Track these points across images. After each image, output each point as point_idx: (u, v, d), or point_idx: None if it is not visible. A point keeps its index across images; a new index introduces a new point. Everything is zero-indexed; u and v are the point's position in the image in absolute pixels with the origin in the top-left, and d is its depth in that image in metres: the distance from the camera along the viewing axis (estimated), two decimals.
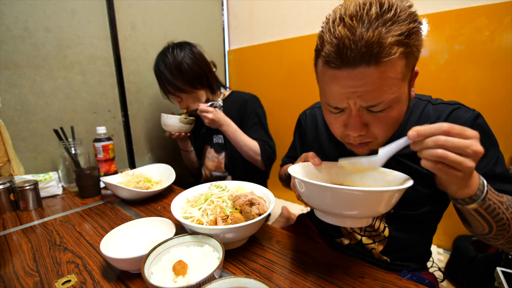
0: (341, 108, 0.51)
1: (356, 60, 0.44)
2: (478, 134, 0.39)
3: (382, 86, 0.46)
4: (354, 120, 0.51)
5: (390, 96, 0.47)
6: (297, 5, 1.45)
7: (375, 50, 0.42)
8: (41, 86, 1.06)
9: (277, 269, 0.54)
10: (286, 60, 1.55)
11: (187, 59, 1.09)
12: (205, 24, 1.68)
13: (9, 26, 0.96)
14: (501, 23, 0.94)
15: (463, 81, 1.05)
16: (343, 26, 0.44)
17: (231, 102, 1.23)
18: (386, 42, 0.42)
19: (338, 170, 0.62)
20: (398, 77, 0.46)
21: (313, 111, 0.82)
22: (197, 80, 1.12)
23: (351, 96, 0.48)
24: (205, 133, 1.29)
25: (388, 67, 0.44)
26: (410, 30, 0.43)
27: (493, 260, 0.97)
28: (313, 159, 0.60)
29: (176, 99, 1.17)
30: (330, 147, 0.74)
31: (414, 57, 0.48)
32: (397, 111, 0.51)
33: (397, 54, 0.43)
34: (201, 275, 0.44)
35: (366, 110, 0.50)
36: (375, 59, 0.43)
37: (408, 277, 0.63)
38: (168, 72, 1.08)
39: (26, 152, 1.05)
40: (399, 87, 0.48)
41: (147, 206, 0.87)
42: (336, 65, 0.46)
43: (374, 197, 0.42)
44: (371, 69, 0.44)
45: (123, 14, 1.27)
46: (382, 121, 0.51)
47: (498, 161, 0.56)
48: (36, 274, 0.54)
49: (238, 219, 0.57)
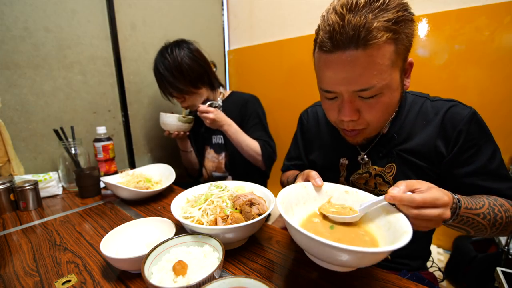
0: (333, 91, 0.54)
1: (345, 43, 0.47)
2: (448, 201, 0.45)
3: (371, 70, 0.48)
4: (346, 106, 0.54)
5: (380, 82, 0.49)
6: (297, 5, 1.45)
7: (362, 33, 0.45)
8: (41, 86, 1.06)
9: (277, 269, 0.54)
10: (286, 60, 1.55)
11: (186, 59, 1.08)
12: (205, 24, 1.68)
13: (9, 26, 0.96)
14: (501, 23, 0.94)
15: (463, 81, 1.05)
16: (334, 14, 0.48)
17: (231, 103, 1.23)
18: (372, 26, 0.45)
19: (340, 195, 0.58)
20: (387, 63, 0.49)
21: (314, 109, 0.82)
22: (198, 79, 1.12)
23: (342, 82, 0.51)
24: (205, 133, 1.29)
25: (376, 51, 0.47)
26: (398, 17, 0.46)
27: (493, 260, 0.97)
28: (315, 179, 0.59)
29: (178, 99, 1.17)
30: (331, 144, 0.75)
31: (404, 45, 0.50)
32: (388, 97, 0.53)
33: (383, 38, 0.46)
34: (201, 275, 0.44)
35: (358, 97, 0.53)
36: (363, 42, 0.46)
37: (408, 277, 0.64)
38: (170, 75, 1.08)
39: (26, 152, 1.05)
40: (389, 73, 0.50)
41: (147, 206, 0.87)
42: (328, 49, 0.50)
43: (362, 256, 0.38)
44: (359, 52, 0.47)
45: (123, 14, 1.27)
46: (374, 107, 0.53)
47: (492, 157, 0.57)
48: (36, 274, 0.54)
49: (238, 219, 0.57)
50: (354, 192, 0.57)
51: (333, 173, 0.74)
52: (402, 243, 0.38)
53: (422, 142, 0.60)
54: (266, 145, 1.13)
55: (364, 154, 0.67)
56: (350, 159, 0.70)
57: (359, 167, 0.69)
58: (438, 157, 0.59)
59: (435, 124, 0.60)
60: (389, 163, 0.64)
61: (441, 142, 0.59)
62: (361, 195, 0.56)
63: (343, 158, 0.71)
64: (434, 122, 0.60)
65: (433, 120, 0.60)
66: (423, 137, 0.60)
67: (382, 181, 0.65)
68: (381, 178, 0.65)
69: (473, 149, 0.57)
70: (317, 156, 0.78)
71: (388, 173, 0.64)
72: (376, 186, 0.66)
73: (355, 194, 0.57)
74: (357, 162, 0.69)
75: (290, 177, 0.81)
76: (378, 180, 0.66)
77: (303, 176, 0.63)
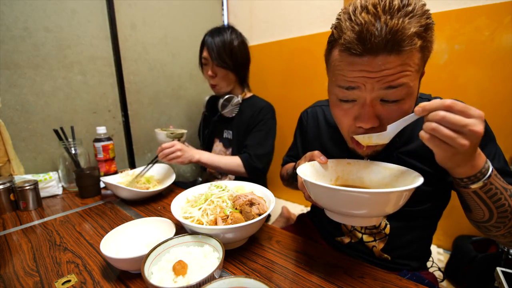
0: (355, 87, 0.49)
1: (379, 47, 0.44)
2: (483, 114, 0.39)
3: (401, 73, 0.46)
4: (368, 110, 0.49)
5: (407, 86, 0.47)
6: (297, 5, 1.45)
7: (399, 38, 0.42)
8: (41, 86, 1.06)
9: (277, 269, 0.54)
10: (286, 60, 1.55)
11: (242, 45, 1.16)
12: (205, 24, 1.67)
13: (9, 26, 0.96)
14: (501, 23, 0.94)
15: (463, 81, 1.05)
16: (366, 13, 0.44)
17: (248, 105, 1.23)
18: (409, 31, 0.43)
19: (344, 167, 0.62)
20: (415, 68, 0.47)
21: (314, 110, 0.82)
22: (239, 65, 1.16)
23: (368, 81, 0.47)
24: (218, 125, 1.30)
25: (408, 57, 0.45)
26: (427, 25, 0.45)
27: (493, 260, 0.97)
28: (319, 157, 0.60)
29: (211, 73, 1.16)
30: (331, 145, 0.74)
31: (429, 52, 0.48)
32: (408, 105, 0.50)
33: (418, 45, 0.44)
34: (201, 275, 0.44)
35: (379, 101, 0.50)
36: (397, 47, 0.43)
37: (408, 277, 0.63)
38: (222, 44, 1.11)
39: (26, 152, 1.05)
40: (414, 78, 0.48)
41: (147, 206, 0.87)
42: (357, 52, 0.45)
43: (380, 198, 0.42)
44: (392, 57, 0.44)
45: (123, 14, 1.27)
46: (394, 113, 0.50)
47: (495, 157, 0.57)
48: (36, 274, 0.54)
49: (238, 219, 0.57)
50: (356, 162, 0.61)
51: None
52: (414, 184, 0.42)
53: (423, 144, 0.60)
54: (250, 158, 1.13)
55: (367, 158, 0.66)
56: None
57: None
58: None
59: None
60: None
61: None
62: (362, 163, 0.60)
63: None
64: None
65: None
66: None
67: None
68: None
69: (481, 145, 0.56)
70: None
71: None
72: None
73: (357, 164, 0.61)
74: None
75: (289, 168, 0.81)
76: None
77: (305, 158, 0.63)
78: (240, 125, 1.22)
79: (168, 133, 1.12)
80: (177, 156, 0.99)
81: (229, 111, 1.22)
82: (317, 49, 1.38)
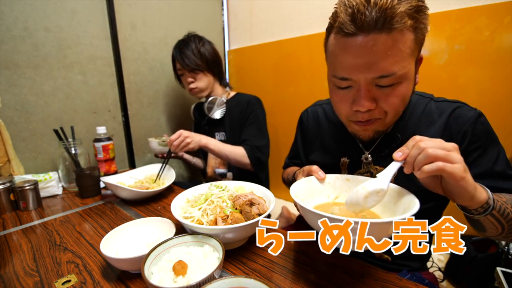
0: (350, 78, 0.51)
1: (370, 25, 0.46)
2: (456, 146, 0.43)
3: (394, 56, 0.47)
4: (364, 94, 0.51)
5: (401, 69, 0.48)
6: (297, 5, 1.45)
7: (388, 16, 0.45)
8: (41, 86, 1.06)
9: (277, 269, 0.54)
10: (286, 60, 1.55)
11: (207, 46, 1.21)
12: (205, 24, 1.68)
13: (9, 26, 0.96)
14: (501, 23, 0.94)
15: (463, 81, 1.05)
16: None
17: (234, 103, 1.26)
18: (398, 10, 0.44)
19: (343, 183, 0.61)
20: (408, 51, 0.48)
21: (314, 109, 0.82)
22: (213, 64, 1.20)
23: (361, 68, 0.49)
24: (208, 130, 1.31)
25: (399, 36, 0.46)
26: (419, 7, 0.46)
27: (493, 260, 0.97)
28: (317, 173, 0.60)
29: (189, 79, 1.20)
30: (332, 143, 0.74)
31: (423, 35, 0.50)
32: (405, 88, 0.51)
33: (408, 24, 0.46)
34: (201, 275, 0.44)
35: (375, 86, 0.51)
36: (388, 25, 0.45)
37: (408, 277, 0.64)
38: (189, 51, 1.16)
39: (26, 152, 1.05)
40: (408, 62, 0.49)
41: (147, 206, 0.87)
42: (350, 31, 0.47)
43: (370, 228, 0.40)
44: (383, 36, 0.46)
45: (123, 14, 1.27)
46: (391, 96, 0.51)
47: (498, 160, 0.56)
48: (36, 274, 0.54)
49: (238, 219, 0.57)
50: (355, 179, 0.60)
51: (334, 173, 0.73)
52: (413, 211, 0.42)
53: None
54: (253, 149, 1.15)
55: (368, 153, 0.66)
56: (351, 158, 0.70)
57: (360, 166, 0.68)
58: None
59: (440, 125, 0.59)
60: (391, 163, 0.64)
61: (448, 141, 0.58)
62: (362, 180, 0.58)
63: (344, 157, 0.71)
64: (438, 123, 0.59)
65: (437, 121, 0.59)
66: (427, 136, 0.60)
67: None
68: None
69: (478, 151, 0.56)
70: (318, 155, 0.78)
71: None
72: None
73: (356, 180, 0.59)
74: (358, 161, 0.68)
75: (290, 174, 0.82)
76: None
77: (303, 172, 0.63)
78: (232, 125, 1.24)
79: (160, 141, 1.17)
80: (187, 143, 1.01)
81: (216, 113, 1.24)
82: (317, 49, 1.38)
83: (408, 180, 0.63)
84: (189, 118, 1.66)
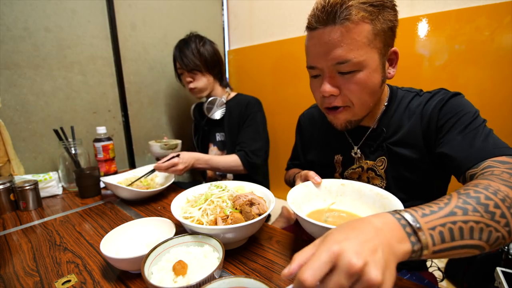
0: (315, 66, 0.59)
1: (324, 19, 0.53)
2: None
3: (348, 45, 0.53)
4: (326, 80, 0.58)
5: (357, 57, 0.53)
6: (297, 5, 1.45)
7: (339, 10, 0.52)
8: (41, 86, 1.06)
9: (277, 269, 0.54)
10: (286, 60, 1.54)
11: (208, 46, 1.20)
12: (205, 24, 1.68)
13: (9, 26, 0.96)
14: (501, 23, 0.94)
15: (463, 81, 1.05)
16: None
17: (234, 104, 1.25)
18: (347, 4, 0.51)
19: (338, 188, 0.65)
20: (364, 40, 0.53)
21: (310, 111, 0.87)
22: (212, 64, 1.20)
23: (322, 56, 0.56)
24: (207, 130, 1.31)
25: (352, 27, 0.52)
26: (375, 2, 0.52)
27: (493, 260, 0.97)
28: (313, 178, 0.65)
29: (188, 79, 1.20)
30: (326, 142, 0.78)
31: (382, 28, 0.54)
32: (366, 75, 0.55)
33: (358, 16, 0.51)
34: (201, 275, 0.44)
35: (337, 73, 0.57)
36: (340, 18, 0.52)
37: (407, 277, 0.64)
38: (189, 51, 1.16)
39: (26, 152, 1.05)
40: (366, 51, 0.54)
41: (147, 206, 0.87)
42: (312, 27, 0.56)
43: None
44: (337, 27, 0.53)
45: (123, 14, 1.27)
46: (351, 83, 0.56)
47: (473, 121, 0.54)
48: (36, 274, 0.54)
49: (238, 219, 0.57)
50: (350, 184, 0.64)
51: (329, 170, 0.77)
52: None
53: (407, 132, 0.62)
54: (247, 155, 1.14)
55: (357, 148, 0.70)
56: (344, 155, 0.73)
57: (353, 162, 0.72)
58: (425, 144, 0.60)
59: (418, 113, 0.62)
60: (380, 156, 0.66)
61: (425, 127, 0.60)
62: (356, 185, 0.63)
63: (337, 154, 0.75)
64: (417, 112, 0.62)
65: (416, 111, 0.62)
66: (409, 127, 0.62)
67: (374, 174, 0.68)
68: (373, 171, 0.68)
69: (452, 120, 0.55)
70: (314, 155, 0.82)
71: (379, 166, 0.67)
72: (369, 180, 0.69)
73: (351, 185, 0.64)
74: (351, 157, 0.72)
75: (291, 176, 0.86)
76: (371, 174, 0.68)
77: (301, 177, 0.67)
78: (231, 125, 1.24)
79: (162, 144, 1.15)
80: (180, 168, 0.96)
81: (216, 113, 1.23)
82: None
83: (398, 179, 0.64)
84: (189, 119, 1.66)
